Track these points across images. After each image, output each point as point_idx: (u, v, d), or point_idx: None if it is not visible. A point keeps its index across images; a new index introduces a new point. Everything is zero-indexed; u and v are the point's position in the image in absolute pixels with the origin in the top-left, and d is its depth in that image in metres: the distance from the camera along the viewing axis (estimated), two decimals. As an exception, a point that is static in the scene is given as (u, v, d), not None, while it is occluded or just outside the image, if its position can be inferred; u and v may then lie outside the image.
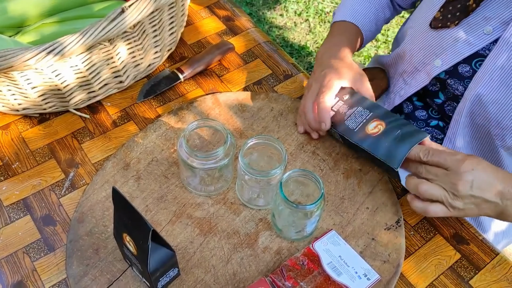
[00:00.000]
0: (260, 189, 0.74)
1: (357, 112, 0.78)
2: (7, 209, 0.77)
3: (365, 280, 0.68)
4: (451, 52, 0.80)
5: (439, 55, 0.82)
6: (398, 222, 0.76)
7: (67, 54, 0.74)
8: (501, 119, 0.77)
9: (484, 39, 0.77)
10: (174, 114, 0.88)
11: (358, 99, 0.79)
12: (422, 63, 0.86)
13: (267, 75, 0.96)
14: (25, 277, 0.71)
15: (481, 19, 0.77)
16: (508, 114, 0.76)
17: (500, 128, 0.78)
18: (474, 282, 0.73)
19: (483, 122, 0.80)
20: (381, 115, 0.76)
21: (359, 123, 0.77)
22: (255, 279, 0.70)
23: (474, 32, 0.78)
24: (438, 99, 0.88)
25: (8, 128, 0.86)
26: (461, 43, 0.79)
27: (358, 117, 0.78)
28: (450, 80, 0.83)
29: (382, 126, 0.75)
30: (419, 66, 0.86)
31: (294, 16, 2.26)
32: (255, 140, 0.73)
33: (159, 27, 0.89)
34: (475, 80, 0.78)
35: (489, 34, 0.76)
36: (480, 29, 0.77)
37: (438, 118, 0.91)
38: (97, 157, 0.83)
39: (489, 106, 0.77)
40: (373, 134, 0.75)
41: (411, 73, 0.89)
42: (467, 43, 0.79)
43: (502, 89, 0.76)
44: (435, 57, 0.83)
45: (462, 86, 0.82)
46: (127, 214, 0.61)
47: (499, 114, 0.77)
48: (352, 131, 0.77)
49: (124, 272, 0.70)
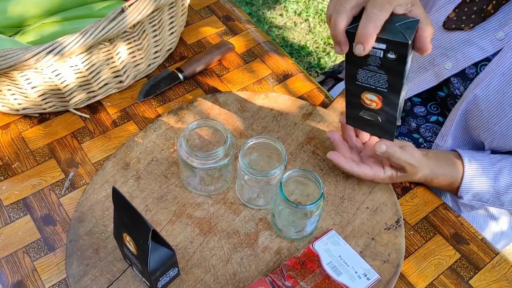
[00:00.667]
0: (260, 189, 0.74)
1: (376, 74, 0.63)
2: (7, 209, 0.77)
3: (365, 280, 0.68)
4: (462, 56, 0.80)
5: (450, 57, 0.81)
6: (398, 222, 0.76)
7: (67, 54, 0.74)
8: (492, 125, 0.77)
9: (496, 45, 0.76)
10: (174, 114, 0.88)
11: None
12: (430, 63, 0.84)
13: (267, 75, 0.96)
14: (25, 277, 0.71)
15: (496, 24, 0.76)
16: (500, 120, 0.76)
17: (490, 133, 0.78)
18: (474, 282, 0.73)
19: (475, 125, 0.80)
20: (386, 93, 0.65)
21: (366, 81, 0.65)
22: (255, 278, 0.70)
23: (487, 37, 0.77)
24: (442, 92, 0.88)
25: (8, 128, 0.86)
26: (472, 46, 0.78)
27: (370, 78, 0.64)
28: (453, 79, 0.83)
29: (378, 104, 0.67)
30: (427, 65, 0.85)
31: (294, 16, 2.26)
32: (255, 140, 0.73)
33: (159, 27, 0.89)
34: (475, 81, 0.78)
35: (501, 40, 0.75)
36: (493, 34, 0.76)
37: (438, 113, 0.91)
38: (97, 157, 0.83)
39: (483, 110, 0.77)
40: (367, 105, 0.68)
41: (416, 71, 0.88)
42: (479, 48, 0.78)
43: (498, 95, 0.76)
44: (445, 58, 0.82)
45: (463, 86, 0.82)
46: (127, 214, 0.61)
47: (491, 120, 0.77)
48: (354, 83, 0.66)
49: (124, 272, 0.70)
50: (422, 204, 0.80)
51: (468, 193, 0.79)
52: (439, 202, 0.81)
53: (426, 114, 0.91)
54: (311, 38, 2.17)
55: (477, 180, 0.78)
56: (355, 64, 0.64)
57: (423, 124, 0.91)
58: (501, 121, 0.76)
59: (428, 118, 0.91)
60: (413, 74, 0.89)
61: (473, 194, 0.79)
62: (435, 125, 0.91)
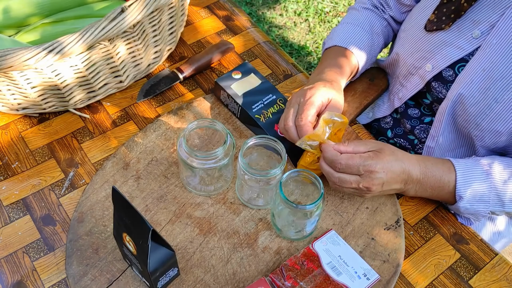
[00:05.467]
0: (259, 189, 0.74)
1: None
2: (6, 209, 0.77)
3: (365, 280, 0.68)
4: (441, 56, 0.81)
5: (429, 59, 0.83)
6: (397, 222, 0.76)
7: (67, 53, 0.74)
8: (480, 121, 0.78)
9: (472, 43, 0.78)
10: (174, 114, 0.88)
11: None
12: (414, 67, 0.87)
13: (266, 75, 0.96)
14: (25, 277, 0.71)
15: (471, 22, 0.78)
16: (487, 116, 0.77)
17: (479, 130, 0.79)
18: (473, 282, 0.73)
19: (463, 123, 0.81)
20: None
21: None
22: (254, 278, 0.70)
23: (463, 36, 0.79)
24: (426, 99, 0.89)
25: (8, 128, 0.86)
26: (450, 47, 0.80)
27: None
28: (434, 83, 0.84)
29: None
30: (412, 69, 0.87)
31: (293, 16, 2.26)
32: (255, 140, 0.73)
33: (159, 27, 0.89)
34: (458, 81, 0.79)
35: (477, 38, 0.77)
36: (469, 33, 0.78)
37: (431, 115, 0.91)
38: (97, 156, 0.83)
39: (469, 108, 0.78)
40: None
41: (405, 76, 0.89)
42: (457, 47, 0.80)
43: (482, 92, 0.77)
44: (425, 61, 0.84)
45: (445, 89, 0.83)
46: (127, 214, 0.61)
47: (478, 116, 0.78)
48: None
49: (124, 272, 0.70)
50: (422, 204, 0.80)
51: (466, 190, 0.75)
52: (439, 202, 0.81)
53: (420, 115, 0.92)
54: (311, 38, 2.17)
55: (470, 173, 0.75)
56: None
57: (417, 125, 0.92)
58: (488, 116, 0.77)
59: (422, 119, 0.91)
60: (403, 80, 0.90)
61: (472, 193, 0.76)
62: (429, 126, 0.91)
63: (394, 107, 0.93)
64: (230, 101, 0.86)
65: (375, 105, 0.99)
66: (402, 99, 0.91)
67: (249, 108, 0.83)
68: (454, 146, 0.86)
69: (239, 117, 0.87)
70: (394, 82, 0.94)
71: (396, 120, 0.97)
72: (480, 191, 0.75)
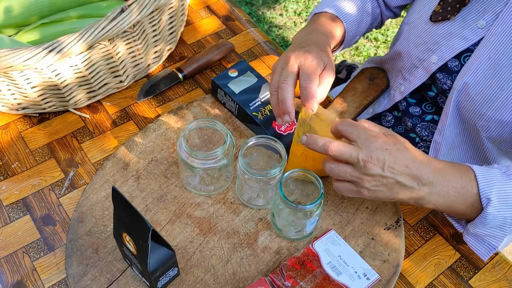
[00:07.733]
0: (259, 188, 0.74)
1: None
2: (6, 208, 0.77)
3: (365, 279, 0.68)
4: (446, 47, 0.81)
5: (435, 51, 0.83)
6: (397, 221, 0.76)
7: (67, 53, 0.74)
8: (485, 110, 0.78)
9: (478, 33, 0.78)
10: (174, 113, 0.88)
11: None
12: (418, 59, 0.86)
13: (266, 75, 0.96)
14: (24, 277, 0.71)
15: (476, 13, 0.78)
16: (492, 105, 0.77)
17: (484, 120, 0.79)
18: (473, 282, 0.73)
19: (469, 114, 0.81)
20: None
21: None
22: (254, 278, 0.70)
23: (469, 26, 0.79)
24: (431, 91, 0.89)
25: (7, 128, 0.86)
26: (456, 37, 0.80)
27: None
28: (439, 74, 0.84)
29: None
30: (417, 62, 0.87)
31: (293, 15, 2.26)
32: (255, 140, 0.73)
33: (158, 27, 0.89)
34: (463, 70, 0.80)
35: (482, 28, 0.77)
36: (474, 23, 0.78)
37: (433, 112, 0.91)
38: (97, 156, 0.83)
39: (474, 96, 0.78)
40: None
41: (409, 70, 0.89)
42: (462, 38, 0.80)
43: (487, 80, 0.77)
44: (431, 53, 0.84)
45: (450, 80, 0.82)
46: (127, 214, 0.61)
47: (484, 105, 0.78)
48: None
49: (124, 271, 0.70)
50: (422, 204, 0.80)
51: (491, 190, 0.65)
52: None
53: (421, 114, 0.92)
54: (311, 38, 2.17)
55: (488, 174, 0.67)
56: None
57: (419, 123, 0.92)
58: (493, 105, 0.77)
59: (424, 117, 0.91)
60: (406, 73, 0.90)
61: (498, 193, 0.65)
62: (431, 124, 0.91)
63: (394, 101, 0.93)
64: (228, 100, 0.86)
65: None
66: (403, 93, 0.90)
67: (247, 106, 0.83)
68: (460, 141, 0.86)
69: (236, 115, 0.87)
70: (396, 76, 0.94)
71: (397, 118, 0.96)
72: (507, 191, 0.65)
